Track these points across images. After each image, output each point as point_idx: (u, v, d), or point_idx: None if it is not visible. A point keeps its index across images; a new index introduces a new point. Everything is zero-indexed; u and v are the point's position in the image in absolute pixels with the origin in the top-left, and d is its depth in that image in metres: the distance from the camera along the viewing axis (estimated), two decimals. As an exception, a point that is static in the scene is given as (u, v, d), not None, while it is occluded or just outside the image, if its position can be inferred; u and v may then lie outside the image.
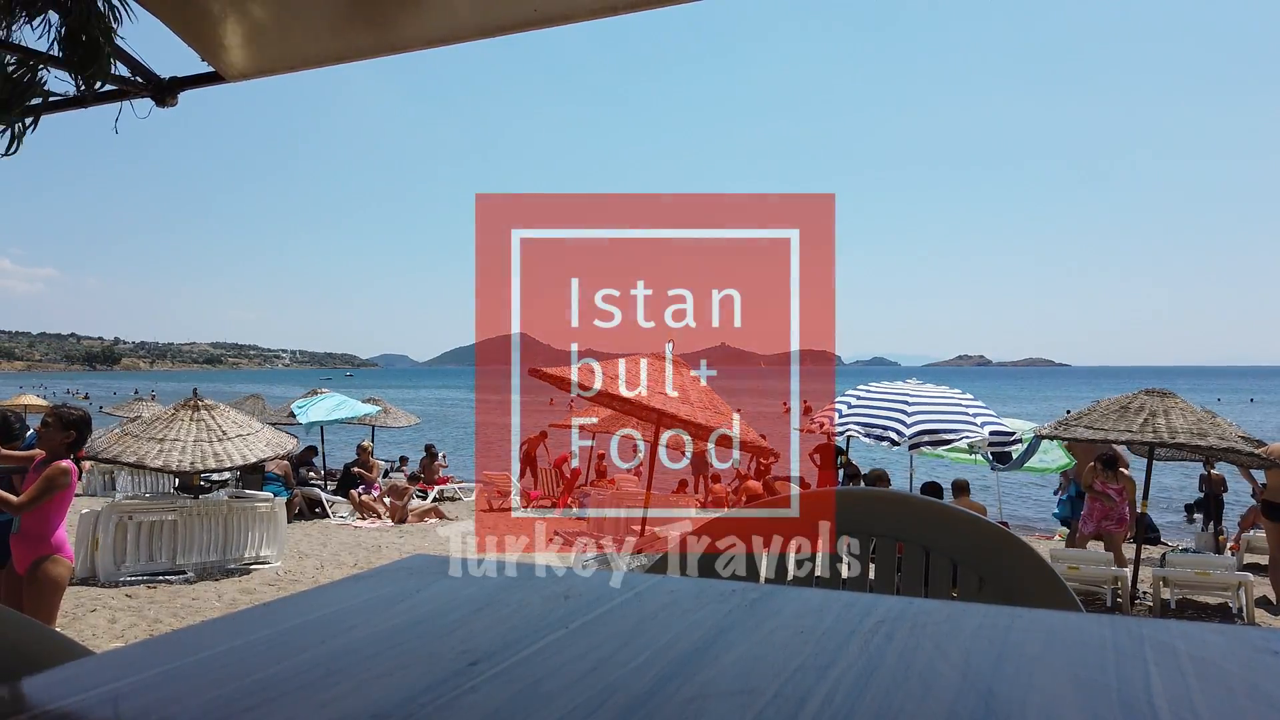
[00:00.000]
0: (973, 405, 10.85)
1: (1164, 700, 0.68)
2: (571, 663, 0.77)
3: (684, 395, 7.49)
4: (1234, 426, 8.92)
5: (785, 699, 0.69)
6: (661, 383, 7.47)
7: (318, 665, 0.76)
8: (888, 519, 1.52)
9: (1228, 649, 0.81)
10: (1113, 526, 9.99)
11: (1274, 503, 9.41)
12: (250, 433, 10.26)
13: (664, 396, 7.33)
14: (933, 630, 0.86)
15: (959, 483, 10.61)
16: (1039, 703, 0.68)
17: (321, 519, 14.73)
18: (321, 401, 16.78)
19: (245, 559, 10.26)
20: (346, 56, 2.50)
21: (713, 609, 0.94)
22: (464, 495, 18.33)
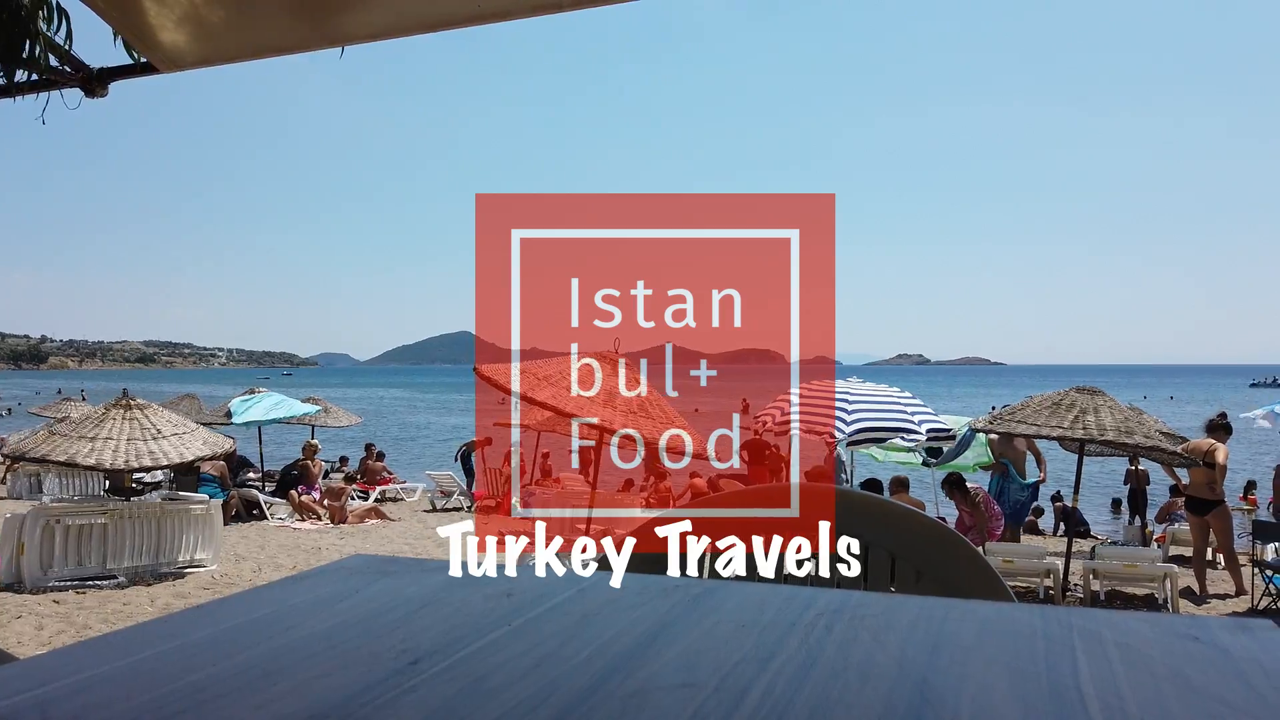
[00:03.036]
0: (911, 403, 11.05)
1: (1091, 686, 0.71)
2: (513, 660, 0.77)
3: (623, 400, 7.43)
4: (1158, 422, 9.23)
5: (726, 692, 0.70)
6: (598, 386, 7.41)
7: (254, 666, 0.75)
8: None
9: (1151, 636, 0.84)
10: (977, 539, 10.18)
11: (1196, 498, 9.77)
12: (186, 431, 10.01)
13: (596, 400, 7.26)
14: (871, 622, 0.88)
15: (898, 479, 10.80)
16: (972, 691, 0.70)
17: (259, 521, 14.42)
18: (259, 401, 16.42)
19: (179, 562, 10.00)
20: (286, 48, 2.45)
21: (656, 604, 0.95)
22: (406, 496, 18.11)
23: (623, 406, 7.32)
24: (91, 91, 2.68)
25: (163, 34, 2.40)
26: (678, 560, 1.55)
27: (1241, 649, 0.80)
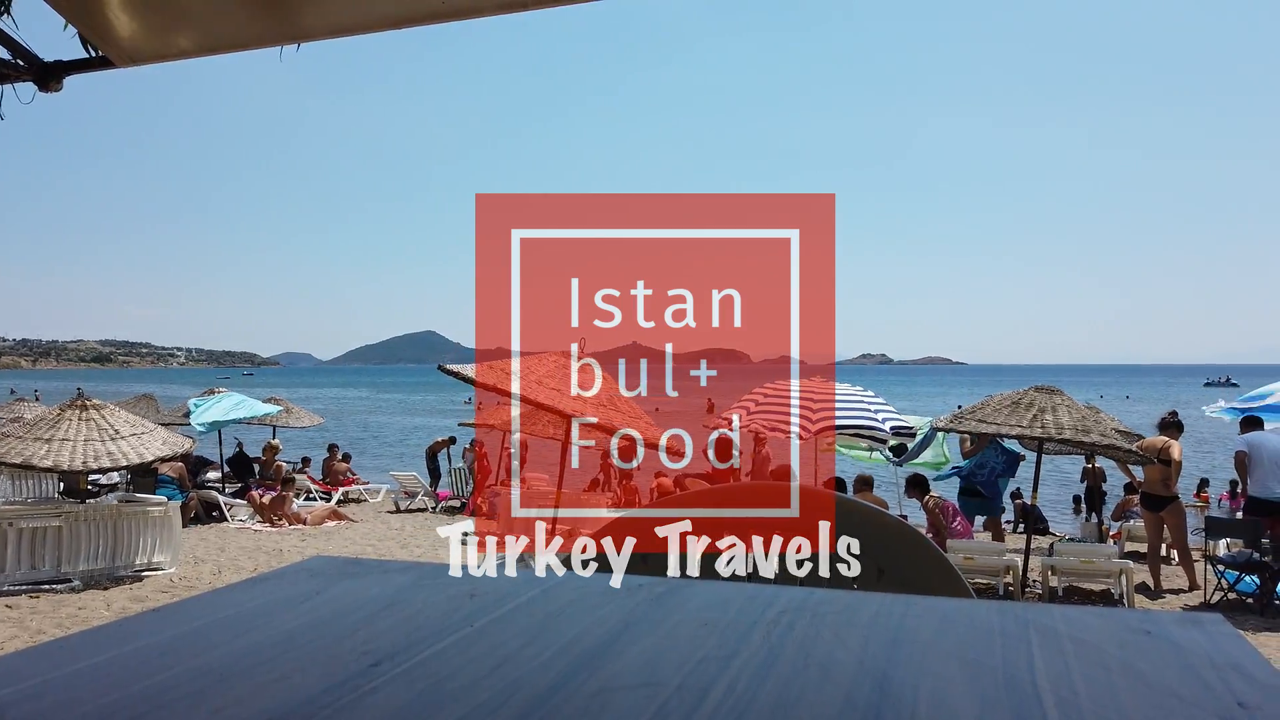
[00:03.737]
0: (874, 401, 11.16)
1: (1046, 679, 0.72)
2: (475, 661, 0.77)
3: (589, 394, 7.43)
4: (1115, 421, 9.41)
5: (688, 690, 0.70)
6: (565, 383, 7.39)
7: (211, 670, 0.74)
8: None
9: (1104, 630, 0.86)
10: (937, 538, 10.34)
11: (1151, 494, 9.97)
12: (145, 431, 9.84)
13: (561, 395, 7.25)
14: (832, 619, 0.89)
15: (862, 478, 10.90)
16: (930, 686, 0.71)
17: (219, 523, 14.21)
18: (219, 401, 16.15)
19: (136, 566, 9.82)
20: (246, 44, 2.41)
21: (619, 604, 0.95)
22: (369, 497, 17.93)
23: (593, 401, 7.37)
24: (45, 86, 2.63)
25: (118, 27, 2.36)
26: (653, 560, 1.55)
27: (1192, 643, 0.82)
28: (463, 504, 17.04)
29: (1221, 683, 0.72)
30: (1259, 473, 9.40)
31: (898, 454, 13.47)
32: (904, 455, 13.42)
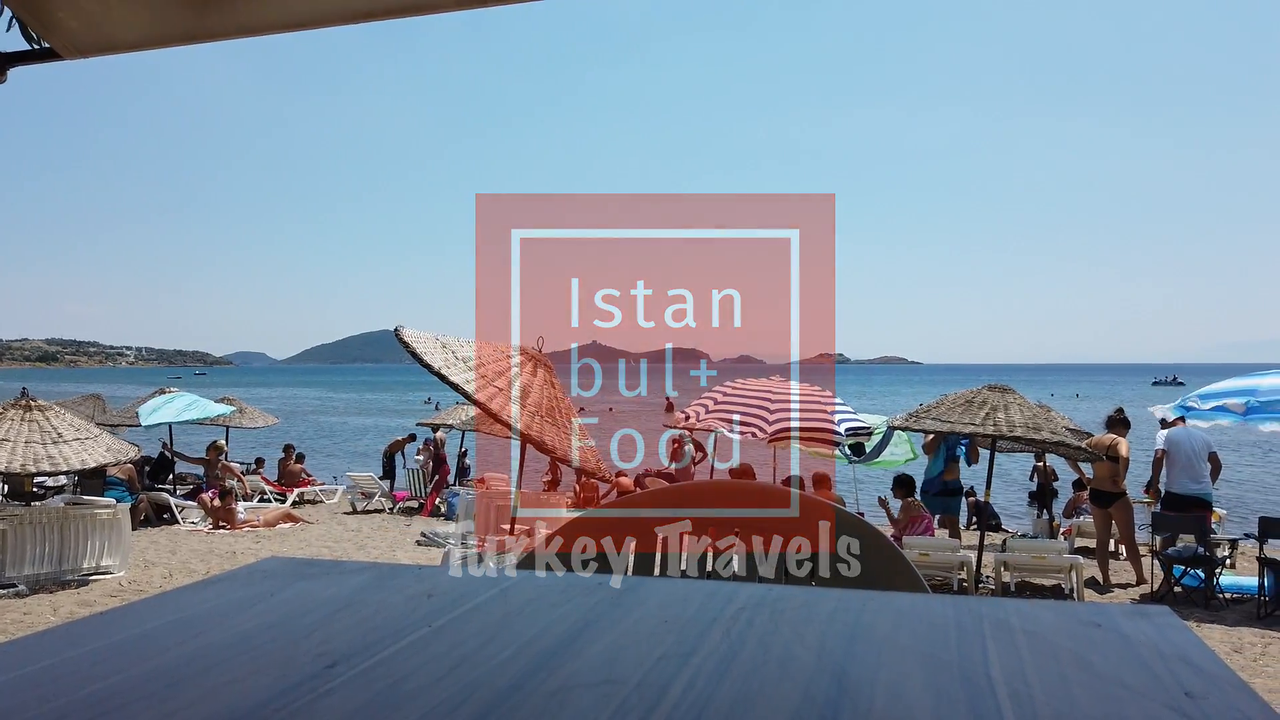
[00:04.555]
0: (831, 401, 11.26)
1: (1000, 672, 0.73)
2: (433, 661, 0.76)
3: (534, 400, 7.28)
4: (1065, 419, 9.60)
5: (648, 687, 0.70)
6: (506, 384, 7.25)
7: (162, 674, 0.73)
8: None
9: (1056, 623, 0.88)
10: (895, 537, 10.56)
11: (1100, 490, 10.18)
12: (89, 437, 9.61)
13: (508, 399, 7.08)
14: (791, 615, 0.89)
15: (818, 475, 11.00)
16: (887, 679, 0.72)
17: (170, 525, 13.93)
18: (170, 402, 15.82)
19: (84, 569, 9.59)
20: (199, 36, 2.36)
21: (579, 602, 0.94)
22: (325, 497, 17.70)
23: (533, 406, 7.20)
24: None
25: (64, 17, 2.30)
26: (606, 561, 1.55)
27: (1141, 635, 0.84)
28: (420, 504, 16.89)
29: (1169, 673, 0.73)
30: (1175, 470, 9.83)
31: (857, 453, 13.62)
32: (863, 454, 13.57)
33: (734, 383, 11.93)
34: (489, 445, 22.51)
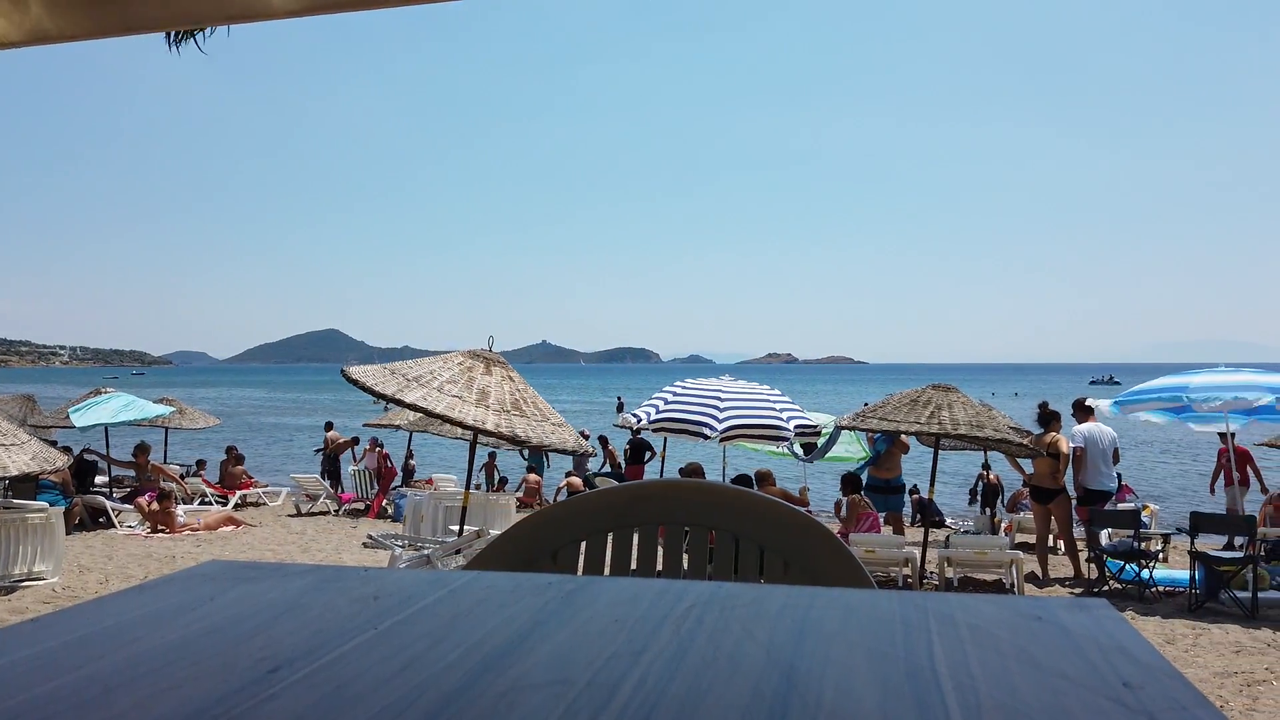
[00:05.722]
0: (780, 400, 11.37)
1: (944, 666, 0.74)
2: (380, 664, 0.75)
3: (496, 398, 7.29)
4: (1006, 418, 9.81)
5: (598, 687, 0.70)
6: (468, 388, 7.24)
7: (94, 682, 0.70)
8: (701, 508, 1.57)
9: (999, 617, 0.89)
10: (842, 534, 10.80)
11: (1040, 487, 10.43)
12: (15, 444, 9.30)
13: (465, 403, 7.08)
14: (740, 612, 0.90)
15: (762, 473, 11.10)
16: (835, 675, 0.72)
17: (106, 529, 13.55)
18: (106, 402, 15.36)
19: (15, 576, 9.29)
20: (133, 28, 2.29)
21: (528, 602, 0.94)
22: (269, 500, 17.36)
23: (496, 405, 7.21)
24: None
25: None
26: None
27: (1080, 627, 0.86)
28: (367, 506, 16.67)
29: (1107, 664, 0.75)
30: (1091, 466, 10.19)
31: (807, 452, 13.77)
32: (812, 453, 13.73)
33: (683, 382, 11.97)
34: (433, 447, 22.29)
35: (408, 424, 16.61)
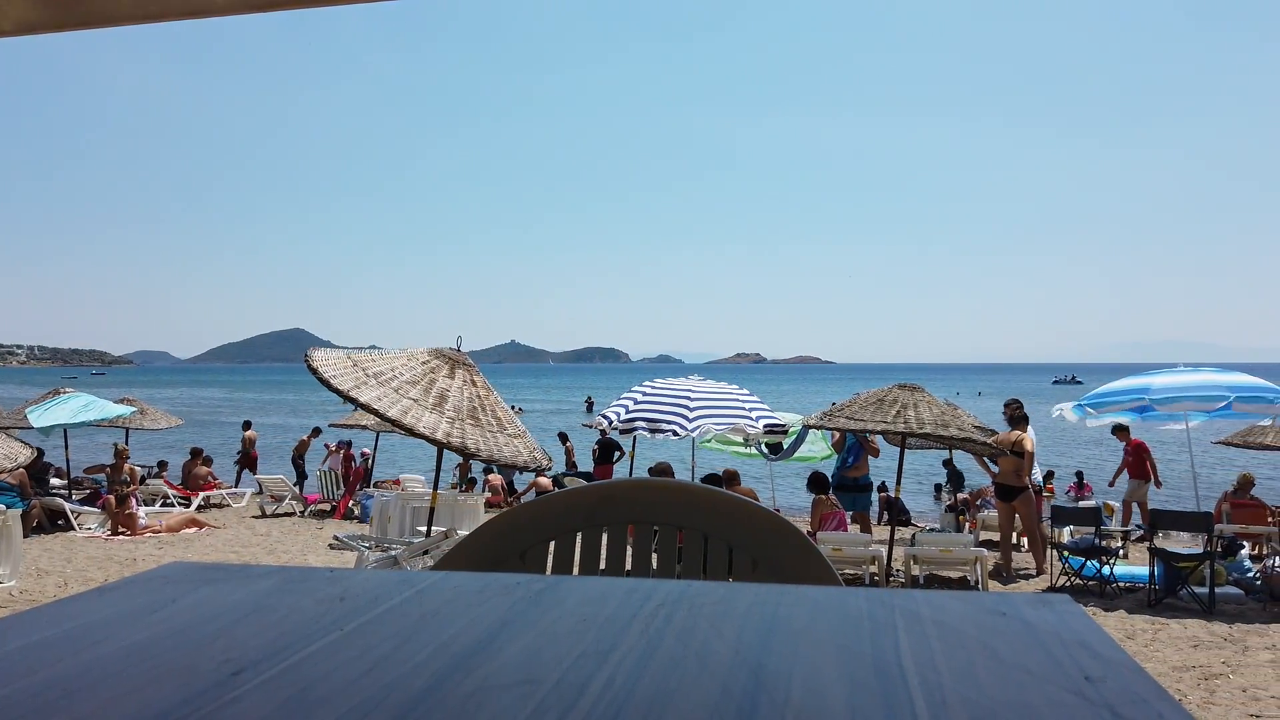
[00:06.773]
0: (749, 400, 11.42)
1: (911, 661, 0.75)
2: (345, 665, 0.74)
3: (453, 404, 7.11)
4: (971, 417, 9.93)
5: (566, 686, 0.69)
6: (427, 391, 7.06)
7: (52, 686, 0.69)
8: (670, 507, 1.57)
9: (963, 613, 0.90)
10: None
11: (1004, 485, 10.57)
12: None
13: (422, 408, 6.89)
14: (709, 611, 0.90)
15: (729, 472, 11.16)
16: (803, 672, 0.73)
17: (66, 532, 13.30)
18: (65, 402, 15.06)
19: (-31, 580, 9.10)
20: (90, 22, 2.25)
21: (496, 602, 0.93)
22: (233, 501, 17.14)
23: (452, 411, 7.03)
24: None
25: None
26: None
27: (1043, 622, 0.87)
28: (333, 507, 16.51)
29: (1069, 658, 0.76)
30: None
31: (775, 451, 13.85)
32: (780, 453, 13.81)
33: (653, 382, 11.98)
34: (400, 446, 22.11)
35: (374, 424, 16.46)
